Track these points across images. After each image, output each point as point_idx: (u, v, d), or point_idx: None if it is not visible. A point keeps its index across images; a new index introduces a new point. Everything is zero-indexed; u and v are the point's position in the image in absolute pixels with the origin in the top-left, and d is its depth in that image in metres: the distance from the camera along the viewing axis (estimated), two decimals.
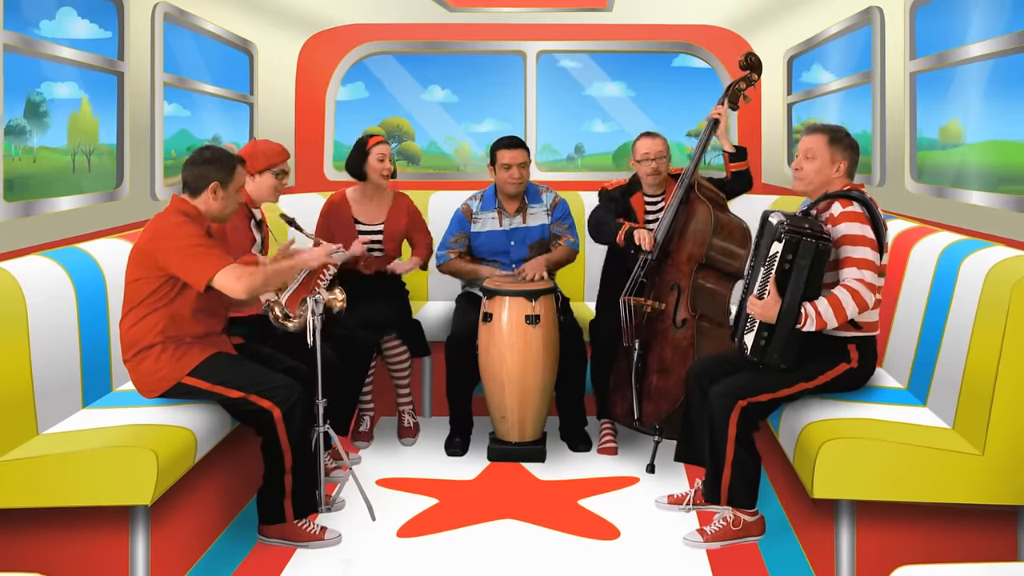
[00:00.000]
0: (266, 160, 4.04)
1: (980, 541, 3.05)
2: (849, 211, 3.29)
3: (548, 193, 4.91)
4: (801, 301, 3.22)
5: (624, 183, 4.64)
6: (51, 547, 3.06)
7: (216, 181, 3.43)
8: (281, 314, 3.80)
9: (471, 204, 4.88)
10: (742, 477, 3.43)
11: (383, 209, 4.84)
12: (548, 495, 4.09)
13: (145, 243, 3.37)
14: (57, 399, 3.27)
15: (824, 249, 3.20)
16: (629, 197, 4.58)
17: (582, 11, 5.71)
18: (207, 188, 3.43)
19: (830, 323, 3.23)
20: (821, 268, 3.23)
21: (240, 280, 3.29)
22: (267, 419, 3.42)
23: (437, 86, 6.18)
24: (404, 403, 4.83)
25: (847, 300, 3.21)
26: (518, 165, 4.71)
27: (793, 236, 3.20)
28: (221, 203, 3.46)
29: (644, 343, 4.29)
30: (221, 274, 3.29)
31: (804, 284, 3.21)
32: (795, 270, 3.21)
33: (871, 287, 3.24)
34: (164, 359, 3.40)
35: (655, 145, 4.51)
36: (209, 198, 3.44)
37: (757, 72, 4.47)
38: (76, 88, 3.92)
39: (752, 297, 3.33)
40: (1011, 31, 3.38)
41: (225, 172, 3.44)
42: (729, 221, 4.28)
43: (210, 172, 3.43)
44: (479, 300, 4.60)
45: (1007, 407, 2.86)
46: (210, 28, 4.98)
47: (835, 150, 3.41)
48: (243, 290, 3.30)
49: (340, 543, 3.57)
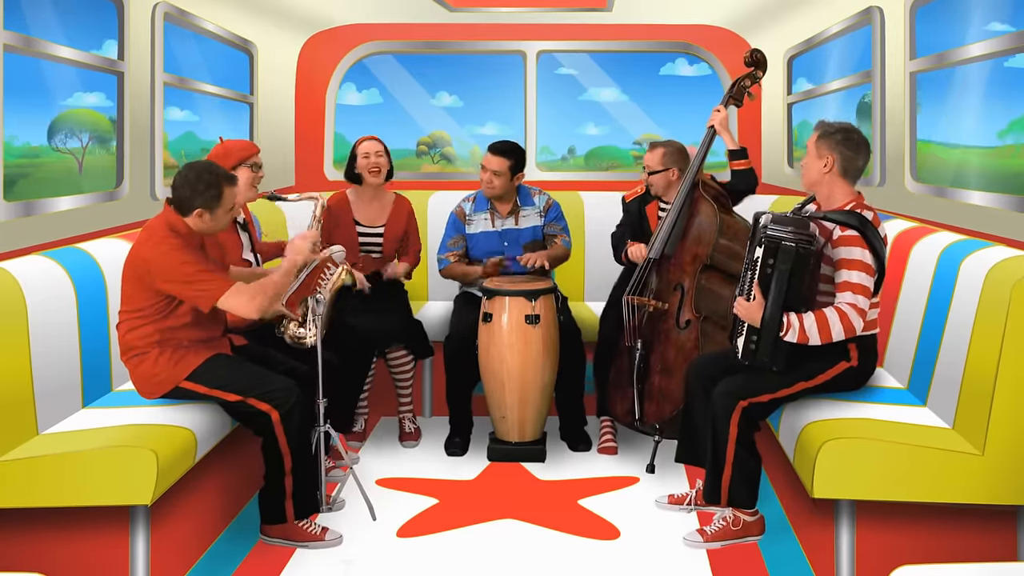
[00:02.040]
0: (237, 155, 4.01)
1: (980, 541, 3.05)
2: (847, 235, 3.29)
3: (541, 196, 4.91)
4: (784, 306, 3.22)
5: (640, 193, 4.65)
6: (51, 547, 3.06)
7: (199, 208, 3.34)
8: (295, 334, 3.84)
9: (464, 206, 4.88)
10: (743, 477, 3.43)
11: (384, 211, 4.84)
12: (548, 495, 4.09)
13: (141, 262, 3.32)
14: (57, 399, 3.27)
15: (805, 254, 3.19)
16: (645, 206, 4.60)
17: (582, 11, 5.71)
18: (192, 213, 3.36)
19: (812, 339, 3.23)
20: (804, 272, 3.22)
21: (253, 300, 3.31)
22: (265, 421, 3.42)
23: (445, 92, 6.21)
24: (405, 409, 4.81)
25: (834, 321, 3.21)
26: (492, 171, 4.70)
27: (772, 241, 3.21)
28: (210, 224, 3.39)
29: (647, 343, 4.29)
30: (229, 296, 3.29)
31: (786, 288, 3.21)
32: (776, 274, 3.21)
33: (862, 312, 3.24)
34: (161, 363, 3.39)
35: (653, 156, 4.50)
36: (196, 219, 3.37)
37: (762, 69, 4.46)
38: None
39: (740, 299, 3.35)
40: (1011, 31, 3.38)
41: (208, 197, 3.33)
42: (734, 222, 4.25)
43: (195, 199, 3.32)
44: (478, 300, 4.60)
45: (1007, 407, 2.86)
46: (210, 28, 4.98)
47: (822, 146, 3.41)
48: (256, 309, 3.32)
49: (341, 544, 3.57)
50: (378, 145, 4.78)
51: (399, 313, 4.73)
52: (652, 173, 4.49)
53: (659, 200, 4.58)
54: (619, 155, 6.22)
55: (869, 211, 3.36)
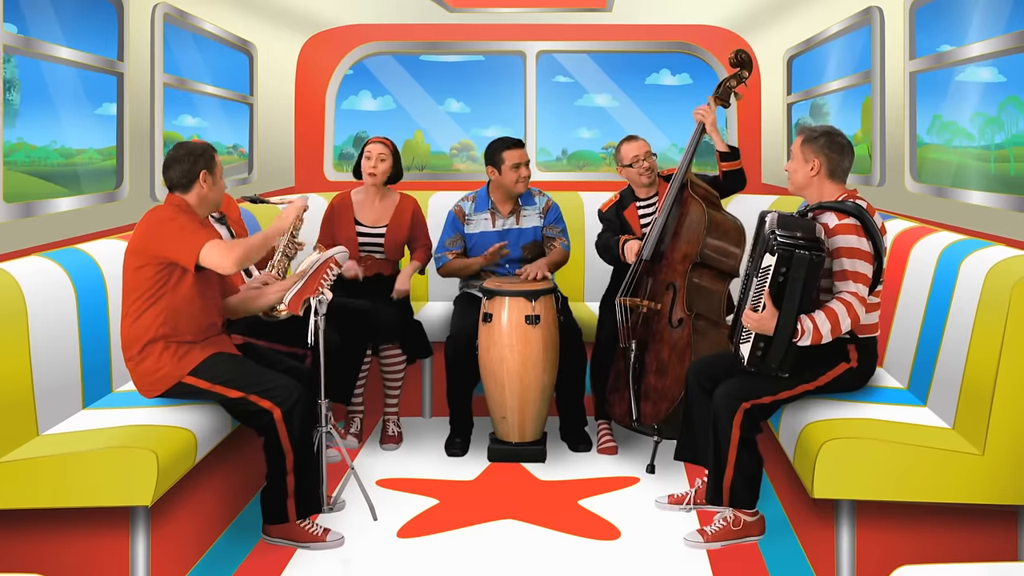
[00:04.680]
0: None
1: (980, 541, 3.05)
2: (845, 223, 3.29)
3: (541, 196, 4.92)
4: (798, 314, 3.20)
5: (615, 201, 4.69)
6: (51, 547, 3.06)
7: (203, 170, 3.53)
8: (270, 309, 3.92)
9: (463, 205, 4.88)
10: (744, 478, 3.43)
11: (388, 212, 4.84)
12: (548, 495, 4.09)
13: (139, 234, 3.42)
14: (57, 400, 3.27)
15: (818, 261, 3.16)
16: (623, 212, 4.63)
17: (582, 11, 5.71)
18: (198, 179, 3.51)
19: (826, 337, 3.22)
20: (816, 279, 3.21)
21: (230, 252, 3.36)
22: (267, 419, 3.42)
23: (453, 98, 6.24)
24: (391, 411, 4.81)
25: (843, 315, 3.21)
26: (526, 163, 4.75)
27: (786, 249, 3.16)
28: (213, 190, 3.57)
29: (641, 343, 4.30)
30: (207, 248, 3.36)
31: (799, 297, 3.18)
32: (790, 283, 3.17)
33: (863, 301, 3.25)
34: (165, 358, 3.41)
35: (642, 146, 4.60)
36: (202, 188, 3.52)
37: (747, 69, 4.49)
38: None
39: (747, 309, 3.32)
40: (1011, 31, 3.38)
41: (207, 159, 3.55)
42: (724, 220, 4.29)
43: (196, 164, 3.52)
44: (478, 300, 4.60)
45: (1007, 407, 2.86)
46: (210, 29, 4.98)
47: (807, 150, 3.42)
48: (232, 261, 3.36)
49: (343, 545, 3.57)
50: (381, 148, 4.78)
51: (397, 310, 4.73)
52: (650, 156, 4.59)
53: (636, 201, 4.60)
54: (591, 157, 6.30)
55: (863, 202, 3.38)
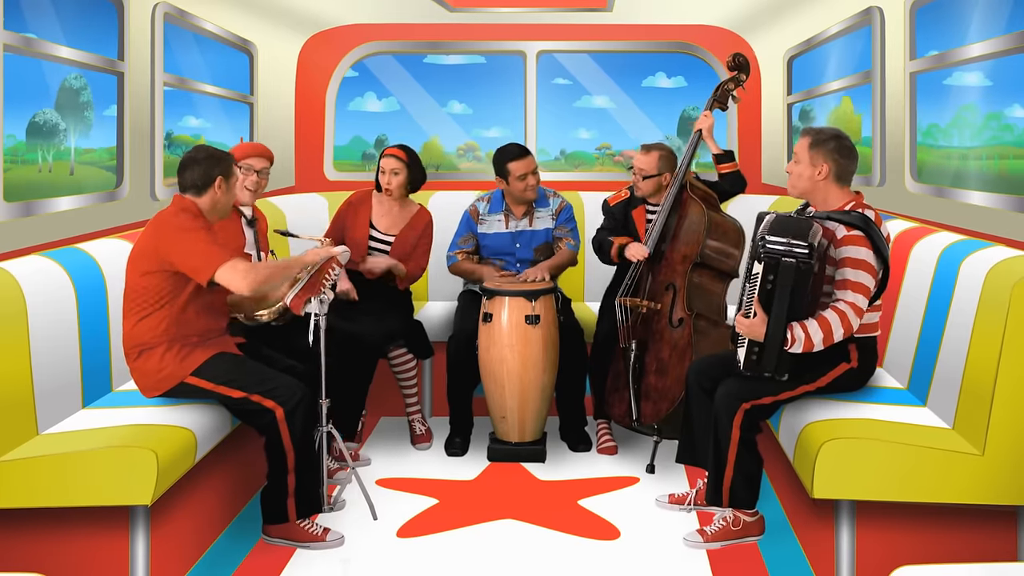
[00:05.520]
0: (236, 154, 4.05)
1: (980, 541, 3.05)
2: (852, 235, 3.27)
3: (555, 198, 4.92)
4: (788, 320, 3.19)
5: (625, 197, 4.66)
6: (51, 547, 3.06)
7: (220, 175, 3.50)
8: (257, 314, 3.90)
9: (478, 206, 4.89)
10: (744, 479, 3.43)
11: (402, 221, 4.77)
12: (548, 495, 4.09)
13: (148, 238, 3.39)
14: (57, 399, 3.27)
15: (806, 269, 3.15)
16: (631, 210, 4.61)
17: (582, 11, 5.71)
18: (214, 183, 3.48)
19: (818, 346, 3.22)
20: (805, 285, 3.19)
21: (246, 276, 3.30)
22: (269, 419, 3.42)
23: (455, 100, 6.25)
24: (413, 411, 4.77)
25: (836, 324, 3.21)
26: (532, 172, 4.73)
27: (771, 258, 3.15)
28: (226, 197, 3.54)
29: (641, 343, 4.30)
30: (225, 268, 3.30)
31: (787, 304, 3.17)
32: (778, 290, 3.17)
33: (859, 311, 3.24)
34: (168, 359, 3.41)
35: (649, 160, 4.54)
36: (216, 193, 3.50)
37: (745, 72, 4.51)
38: None
39: (739, 315, 3.32)
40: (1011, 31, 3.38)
41: (224, 165, 3.53)
42: (723, 220, 4.30)
43: (214, 168, 3.49)
44: (480, 298, 4.59)
45: (1007, 407, 2.86)
46: (210, 28, 4.98)
47: (816, 153, 3.36)
48: (248, 286, 3.30)
49: (343, 545, 3.57)
50: (394, 163, 4.65)
51: (400, 314, 4.71)
52: (646, 177, 4.51)
53: (645, 203, 4.60)
54: (585, 157, 6.30)
55: (870, 211, 3.35)
